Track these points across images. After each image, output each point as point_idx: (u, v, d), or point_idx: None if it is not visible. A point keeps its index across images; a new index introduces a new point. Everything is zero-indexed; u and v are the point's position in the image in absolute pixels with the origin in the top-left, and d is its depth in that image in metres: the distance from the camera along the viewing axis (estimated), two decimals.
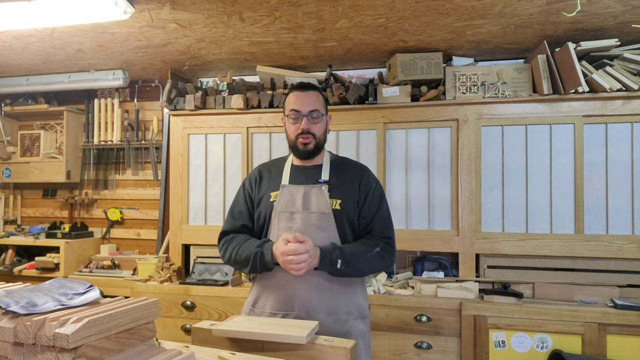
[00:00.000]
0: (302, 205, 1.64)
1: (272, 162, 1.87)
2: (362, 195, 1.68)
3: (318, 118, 1.69)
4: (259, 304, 1.68)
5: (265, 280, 1.68)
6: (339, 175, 1.72)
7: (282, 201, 1.66)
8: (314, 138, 1.68)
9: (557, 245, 2.51)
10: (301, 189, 1.67)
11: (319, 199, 1.65)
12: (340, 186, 1.68)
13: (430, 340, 2.39)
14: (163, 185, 3.41)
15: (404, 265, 2.95)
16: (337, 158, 1.81)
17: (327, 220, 1.62)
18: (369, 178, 1.74)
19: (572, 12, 2.12)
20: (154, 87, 3.48)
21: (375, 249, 1.63)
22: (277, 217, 1.65)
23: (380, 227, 1.68)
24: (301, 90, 1.72)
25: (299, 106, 1.68)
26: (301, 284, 1.60)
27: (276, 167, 1.80)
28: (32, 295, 0.99)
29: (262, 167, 1.83)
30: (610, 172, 2.50)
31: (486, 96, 2.59)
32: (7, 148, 3.61)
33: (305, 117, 1.67)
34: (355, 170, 1.75)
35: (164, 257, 2.99)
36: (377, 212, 1.69)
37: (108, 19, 2.14)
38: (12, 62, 3.03)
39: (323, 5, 2.11)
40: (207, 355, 1.20)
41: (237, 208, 1.78)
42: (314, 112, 1.68)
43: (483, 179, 2.64)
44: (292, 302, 1.60)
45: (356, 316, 1.64)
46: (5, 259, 3.40)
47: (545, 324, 2.26)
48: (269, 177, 1.77)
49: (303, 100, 1.69)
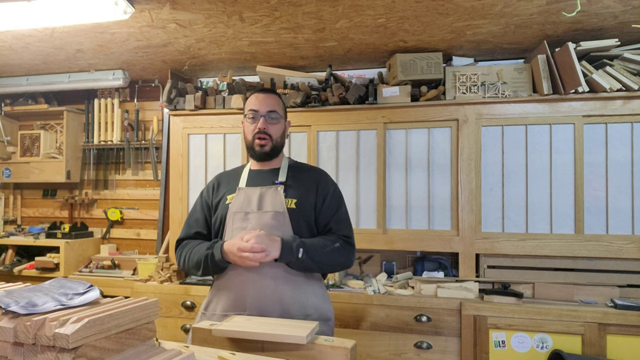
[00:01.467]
0: (257, 205, 1.65)
1: (231, 170, 1.89)
2: (319, 198, 1.69)
3: (276, 119, 1.71)
4: (211, 306, 1.67)
5: (218, 282, 1.68)
6: (296, 177, 1.73)
7: (237, 202, 1.67)
8: (271, 140, 1.70)
9: (557, 245, 2.51)
10: (257, 190, 1.69)
11: (274, 199, 1.65)
12: (297, 187, 1.70)
13: (430, 340, 2.39)
14: (163, 185, 3.41)
15: (404, 265, 2.95)
16: (296, 163, 1.83)
17: (281, 219, 1.63)
18: (327, 181, 1.76)
19: (572, 12, 2.12)
20: (154, 87, 3.48)
21: (335, 244, 1.63)
22: (232, 217, 1.66)
23: (338, 227, 1.69)
24: (261, 92, 1.76)
25: (258, 106, 1.71)
26: (253, 284, 1.58)
27: (234, 173, 1.83)
28: (32, 295, 0.99)
29: (221, 176, 1.86)
30: (610, 172, 2.50)
31: (486, 96, 2.59)
32: (7, 148, 3.61)
33: (263, 117, 1.69)
34: (312, 174, 1.77)
35: (164, 257, 2.99)
36: (335, 213, 1.70)
37: (108, 19, 2.14)
38: (12, 62, 3.03)
39: (323, 5, 2.11)
40: (207, 355, 1.20)
41: (193, 216, 1.80)
42: (272, 112, 1.71)
43: (483, 179, 2.64)
44: (244, 303, 1.59)
45: (315, 318, 1.60)
46: (5, 259, 3.40)
47: (545, 324, 2.26)
48: (227, 183, 1.79)
49: (262, 101, 1.71)
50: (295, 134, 2.88)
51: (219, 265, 1.59)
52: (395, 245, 2.70)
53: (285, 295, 1.59)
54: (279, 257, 1.53)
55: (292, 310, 1.59)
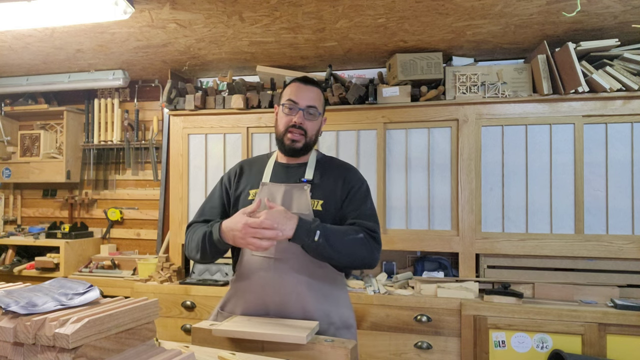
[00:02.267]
0: (281, 204, 1.52)
1: (255, 158, 1.76)
2: (344, 193, 1.58)
3: (314, 115, 1.58)
4: (228, 307, 1.58)
5: (238, 283, 1.58)
6: (323, 174, 1.61)
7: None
8: (305, 136, 1.57)
9: (557, 245, 2.51)
10: (282, 187, 1.57)
11: (300, 199, 1.54)
12: (324, 186, 1.58)
13: (430, 340, 2.39)
14: (163, 185, 3.41)
15: (404, 265, 2.95)
16: (324, 157, 1.70)
17: None
18: (354, 177, 1.63)
19: (572, 12, 2.12)
20: (154, 87, 3.48)
21: (358, 234, 1.48)
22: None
23: (362, 220, 1.54)
24: (303, 82, 1.61)
25: (298, 98, 1.57)
26: (276, 289, 1.49)
27: (258, 163, 1.69)
28: (32, 295, 0.99)
29: (244, 163, 1.72)
30: (610, 172, 2.50)
31: (486, 96, 2.59)
32: (7, 148, 3.61)
33: (302, 110, 1.56)
34: (341, 170, 1.65)
35: (164, 257, 2.99)
36: (360, 208, 1.57)
37: (108, 19, 2.14)
38: (12, 62, 3.03)
39: (323, 5, 2.11)
40: (207, 355, 1.20)
41: (209, 203, 1.66)
42: (311, 108, 1.57)
43: (483, 179, 2.64)
44: (266, 309, 1.50)
45: (339, 326, 1.53)
46: (5, 259, 3.40)
47: (545, 324, 2.26)
48: (249, 174, 1.66)
49: (303, 93, 1.58)
50: None
51: (216, 247, 1.46)
52: (395, 245, 2.70)
53: (310, 304, 1.49)
54: (293, 236, 1.37)
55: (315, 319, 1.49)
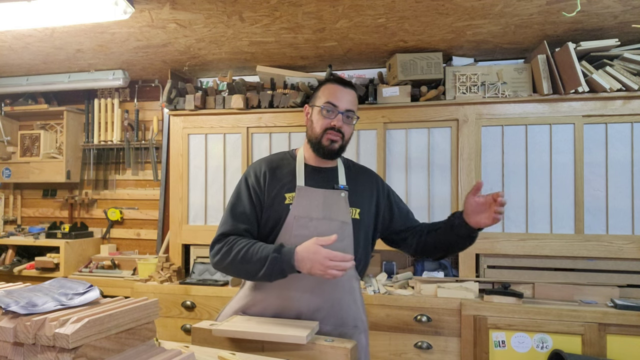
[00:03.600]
0: (322, 212, 1.49)
1: (275, 158, 1.65)
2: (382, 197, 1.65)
3: (351, 119, 1.57)
4: (252, 311, 1.53)
5: (268, 286, 1.50)
6: (354, 182, 1.61)
7: (300, 205, 1.49)
8: (342, 139, 1.55)
9: (557, 245, 2.51)
10: (320, 193, 1.52)
11: (339, 207, 1.52)
12: (358, 194, 1.58)
13: (430, 340, 2.39)
14: (163, 185, 3.41)
15: (404, 265, 2.95)
16: (348, 162, 1.70)
17: (346, 230, 1.50)
18: (381, 181, 1.70)
19: (572, 12, 2.12)
20: (154, 87, 3.48)
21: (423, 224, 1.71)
22: (293, 222, 1.48)
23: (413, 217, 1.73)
24: (342, 85, 1.57)
25: (337, 101, 1.53)
26: (303, 292, 1.47)
27: (285, 164, 1.61)
28: (32, 295, 0.99)
29: (270, 163, 1.61)
30: (610, 172, 2.50)
31: (486, 96, 2.59)
32: (7, 148, 3.61)
33: (341, 114, 1.53)
34: (368, 178, 1.67)
35: (164, 257, 2.99)
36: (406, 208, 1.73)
37: (108, 19, 2.14)
38: (12, 62, 3.03)
39: (323, 5, 2.11)
40: (207, 355, 1.20)
41: (239, 208, 1.54)
42: (350, 112, 1.56)
43: (483, 179, 2.62)
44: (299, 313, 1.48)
45: (362, 329, 1.53)
46: (5, 259, 3.40)
47: (545, 324, 2.26)
48: (280, 175, 1.57)
49: (343, 96, 1.55)
50: (295, 134, 2.88)
51: (284, 272, 1.38)
52: None
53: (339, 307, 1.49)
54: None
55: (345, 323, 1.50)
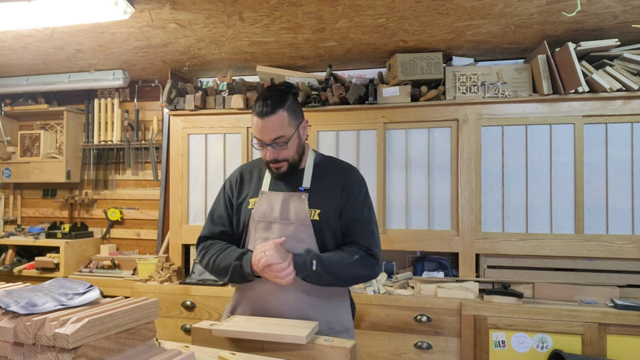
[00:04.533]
0: (280, 214, 1.55)
1: (254, 163, 1.75)
2: (343, 201, 1.58)
3: (283, 145, 1.54)
4: (238, 311, 1.64)
5: (243, 288, 1.62)
6: (321, 180, 1.61)
7: (260, 209, 1.58)
8: (286, 161, 1.57)
9: (557, 245, 2.51)
10: (280, 196, 1.58)
11: (298, 209, 1.55)
12: (322, 193, 1.58)
13: (430, 340, 2.39)
14: (163, 185, 3.41)
15: (404, 265, 2.95)
16: (322, 159, 1.69)
17: (305, 231, 1.54)
18: (353, 181, 1.62)
19: (572, 12, 2.12)
20: (154, 87, 3.48)
21: (354, 256, 1.51)
22: (255, 226, 1.58)
23: (360, 237, 1.56)
24: (260, 116, 1.52)
25: (260, 135, 1.54)
26: (278, 297, 1.53)
27: (258, 169, 1.70)
28: (32, 295, 0.99)
29: (244, 169, 1.74)
30: (610, 172, 2.50)
31: (486, 96, 2.59)
32: (7, 148, 3.61)
33: (270, 146, 1.54)
34: (340, 174, 1.63)
35: (164, 257, 2.99)
36: (358, 219, 1.58)
37: (108, 19, 2.14)
38: (12, 62, 3.03)
39: (323, 5, 2.11)
40: (207, 355, 1.20)
41: (217, 212, 1.70)
42: (278, 139, 1.52)
43: (483, 179, 2.64)
44: (267, 312, 1.55)
45: (339, 330, 1.56)
46: (5, 259, 3.40)
47: (545, 324, 2.26)
48: (249, 181, 1.68)
49: (263, 130, 1.52)
50: None
51: (247, 278, 1.52)
52: (395, 245, 2.70)
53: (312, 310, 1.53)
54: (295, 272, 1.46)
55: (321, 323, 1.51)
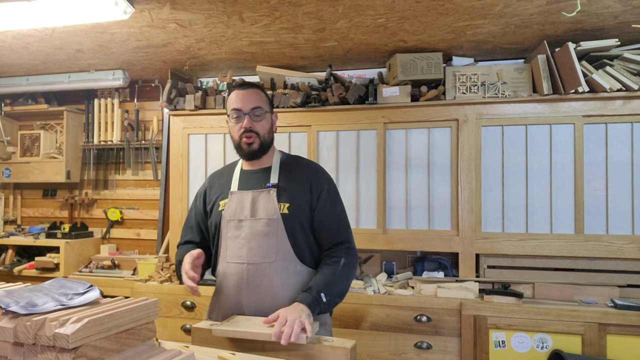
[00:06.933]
0: (249, 211, 1.60)
1: (223, 168, 1.82)
2: (314, 196, 1.62)
3: (261, 116, 1.63)
4: (213, 315, 1.67)
5: (217, 288, 1.66)
6: (288, 177, 1.66)
7: (230, 209, 1.62)
8: (258, 137, 1.62)
9: (557, 245, 2.51)
10: (249, 194, 1.62)
11: (267, 204, 1.59)
12: (290, 188, 1.62)
13: (430, 340, 2.39)
14: (163, 185, 3.41)
15: (404, 265, 2.95)
16: (289, 158, 1.74)
17: (274, 226, 1.57)
18: (320, 177, 1.67)
19: (572, 12, 2.12)
20: (154, 87, 3.48)
21: (341, 262, 1.56)
22: (226, 225, 1.62)
23: (336, 231, 1.62)
24: (242, 88, 1.66)
25: (240, 104, 1.63)
26: (249, 292, 1.55)
27: (226, 173, 1.76)
28: (32, 295, 0.99)
29: (213, 176, 1.80)
30: (610, 172, 2.50)
31: (486, 96, 2.59)
32: (7, 148, 3.61)
33: (247, 115, 1.61)
34: (305, 171, 1.69)
35: (164, 257, 2.99)
36: (331, 213, 1.63)
37: (108, 19, 2.14)
38: (12, 62, 3.03)
39: (323, 5, 2.11)
40: (207, 355, 1.20)
41: (188, 223, 1.79)
42: (256, 109, 1.62)
43: (483, 179, 2.64)
44: (242, 312, 1.56)
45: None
46: (5, 259, 3.40)
47: (545, 324, 2.26)
48: (218, 185, 1.73)
49: (244, 99, 1.63)
50: (295, 134, 2.88)
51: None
52: (395, 245, 2.70)
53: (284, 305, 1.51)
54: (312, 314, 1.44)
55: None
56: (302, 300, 1.44)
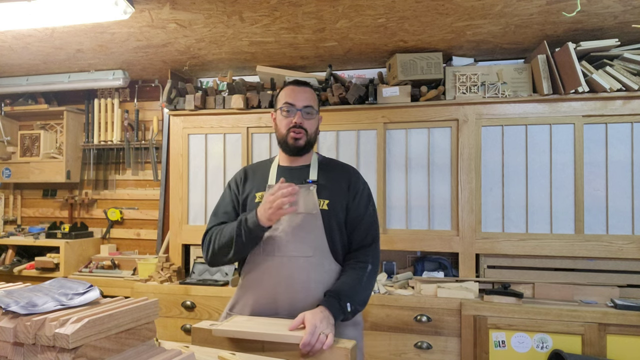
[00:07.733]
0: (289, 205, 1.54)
1: (257, 163, 1.83)
2: (350, 196, 1.65)
3: (312, 114, 1.66)
4: (237, 308, 1.62)
5: (246, 282, 1.62)
6: (326, 175, 1.68)
7: None
8: (306, 134, 1.64)
9: (557, 245, 2.51)
10: None
11: (307, 200, 1.59)
12: (329, 186, 1.64)
13: (430, 340, 2.39)
14: (163, 185, 3.41)
15: (404, 265, 2.95)
16: (325, 159, 1.77)
17: (313, 221, 1.57)
18: (358, 180, 1.71)
19: (572, 12, 2.12)
20: (154, 87, 3.48)
21: (367, 269, 1.57)
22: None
23: (366, 232, 1.64)
24: (297, 85, 1.70)
25: (294, 100, 1.65)
26: (285, 286, 1.53)
27: (262, 168, 1.76)
28: (32, 295, 0.99)
29: (248, 168, 1.79)
30: (610, 172, 2.50)
31: (486, 96, 2.59)
32: (7, 148, 3.61)
33: (300, 111, 1.64)
34: (343, 172, 1.72)
35: (164, 257, 2.99)
36: (364, 214, 1.65)
37: (108, 19, 2.14)
38: (12, 62, 3.03)
39: (323, 5, 2.11)
40: (207, 355, 1.20)
41: (222, 208, 1.72)
42: (308, 107, 1.65)
43: (483, 179, 2.64)
44: (275, 305, 1.54)
45: (347, 324, 1.55)
46: (5, 259, 3.40)
47: (545, 324, 2.26)
48: (254, 178, 1.72)
49: (298, 95, 1.66)
50: None
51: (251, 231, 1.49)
52: (395, 245, 2.70)
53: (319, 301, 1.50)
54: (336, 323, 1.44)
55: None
56: (328, 306, 1.42)
